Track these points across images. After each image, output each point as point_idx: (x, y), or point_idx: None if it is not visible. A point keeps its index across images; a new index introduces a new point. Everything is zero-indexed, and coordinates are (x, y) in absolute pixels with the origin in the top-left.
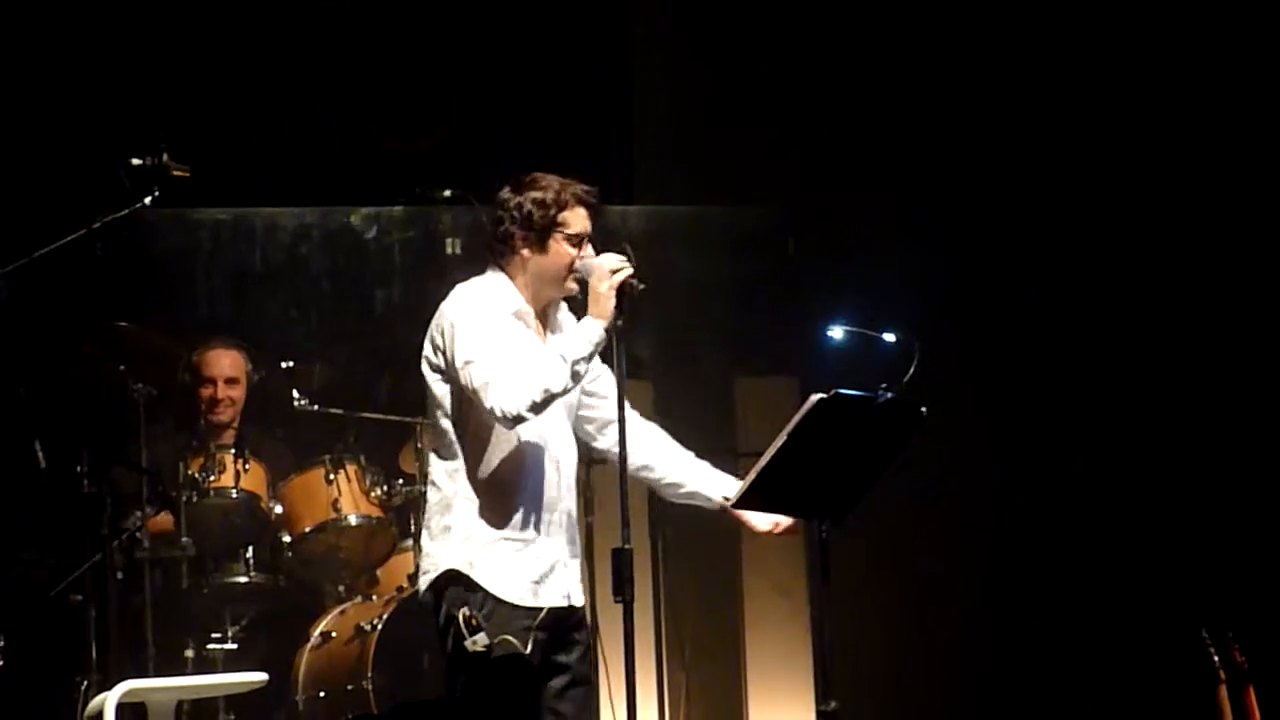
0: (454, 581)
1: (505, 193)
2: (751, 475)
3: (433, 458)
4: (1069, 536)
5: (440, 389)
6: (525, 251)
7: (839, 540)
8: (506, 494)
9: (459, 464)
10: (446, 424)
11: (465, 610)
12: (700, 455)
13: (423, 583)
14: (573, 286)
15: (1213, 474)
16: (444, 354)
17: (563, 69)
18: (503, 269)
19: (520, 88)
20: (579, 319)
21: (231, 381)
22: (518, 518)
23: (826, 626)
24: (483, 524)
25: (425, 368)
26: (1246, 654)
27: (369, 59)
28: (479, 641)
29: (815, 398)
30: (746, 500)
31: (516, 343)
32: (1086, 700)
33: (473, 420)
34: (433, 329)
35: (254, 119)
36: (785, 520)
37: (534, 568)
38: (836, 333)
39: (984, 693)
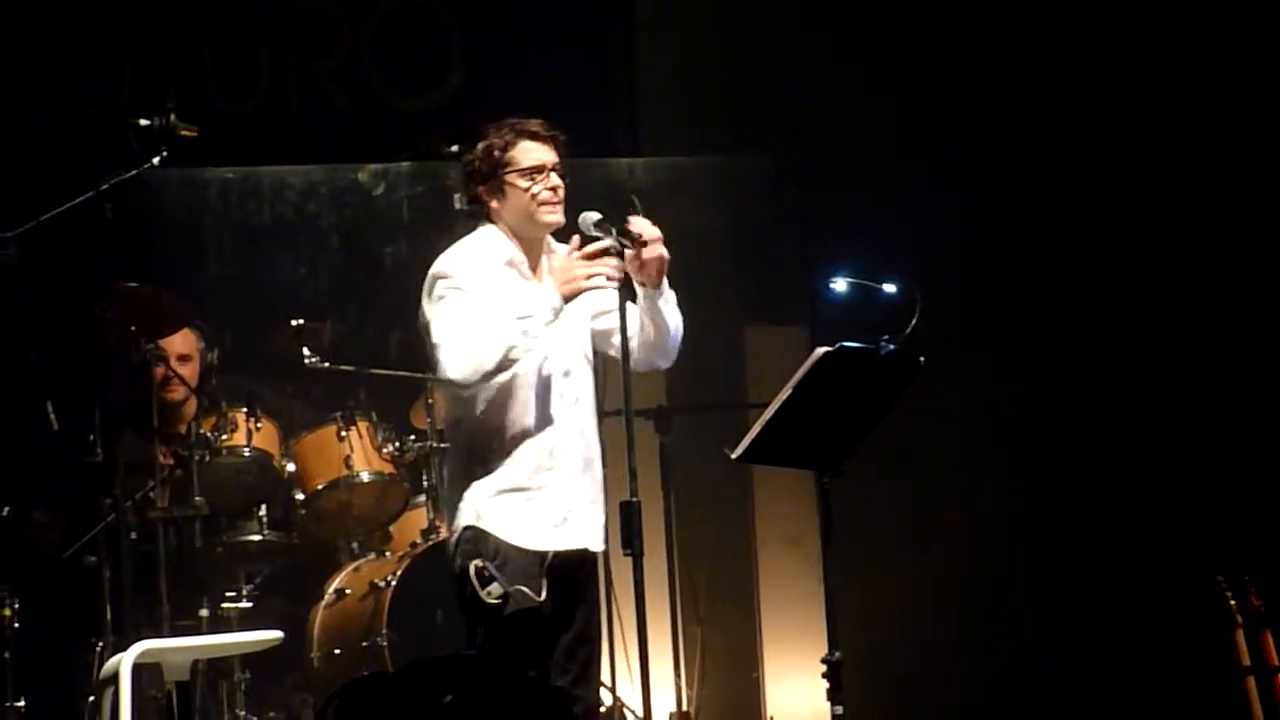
0: (468, 534)
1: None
2: (756, 428)
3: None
4: (1083, 482)
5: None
6: (493, 202)
7: (853, 492)
8: (512, 444)
9: (460, 417)
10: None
11: (478, 561)
12: (711, 406)
13: (452, 541)
14: (550, 219)
15: (1228, 417)
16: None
17: (568, 20)
18: (491, 221)
19: (525, 40)
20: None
21: (184, 359)
22: (527, 468)
23: (831, 578)
24: (489, 478)
25: (421, 327)
26: (1263, 598)
27: (372, 15)
28: (493, 593)
29: (820, 351)
30: (751, 453)
31: (491, 300)
32: (1102, 647)
33: None
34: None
35: (259, 78)
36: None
37: (546, 515)
38: (839, 284)
39: (999, 640)
